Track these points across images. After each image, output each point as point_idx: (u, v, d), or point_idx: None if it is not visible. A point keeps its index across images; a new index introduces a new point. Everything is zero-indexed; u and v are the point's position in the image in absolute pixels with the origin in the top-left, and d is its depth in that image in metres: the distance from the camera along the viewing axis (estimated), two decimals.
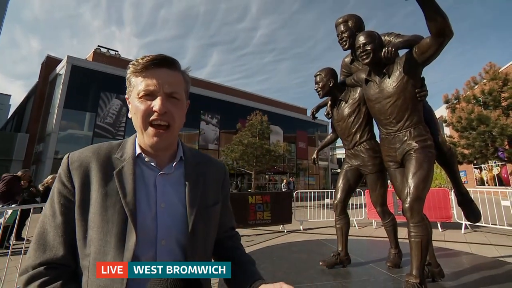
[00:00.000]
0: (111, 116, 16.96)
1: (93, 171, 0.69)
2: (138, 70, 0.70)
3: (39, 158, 16.40)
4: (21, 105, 23.40)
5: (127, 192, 0.67)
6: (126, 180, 0.69)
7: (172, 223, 0.70)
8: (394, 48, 2.06)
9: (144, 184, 0.71)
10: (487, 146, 9.58)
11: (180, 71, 0.76)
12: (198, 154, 0.88)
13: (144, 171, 0.73)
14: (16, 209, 4.79)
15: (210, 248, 0.82)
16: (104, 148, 0.75)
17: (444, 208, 6.31)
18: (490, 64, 10.41)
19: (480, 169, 21.90)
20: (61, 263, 0.65)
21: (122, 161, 0.72)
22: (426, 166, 2.12)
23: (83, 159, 0.71)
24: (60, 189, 0.69)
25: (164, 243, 0.68)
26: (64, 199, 0.68)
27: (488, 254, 3.95)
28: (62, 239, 0.66)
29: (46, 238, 0.66)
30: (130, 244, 0.64)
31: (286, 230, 6.69)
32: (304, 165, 27.22)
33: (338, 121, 2.91)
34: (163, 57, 0.71)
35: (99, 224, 0.65)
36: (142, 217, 0.67)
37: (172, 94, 0.71)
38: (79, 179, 0.68)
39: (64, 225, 0.66)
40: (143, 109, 0.69)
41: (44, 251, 0.65)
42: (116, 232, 0.64)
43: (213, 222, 0.81)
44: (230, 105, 22.64)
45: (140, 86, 0.69)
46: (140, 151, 0.75)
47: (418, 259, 2.03)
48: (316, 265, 2.76)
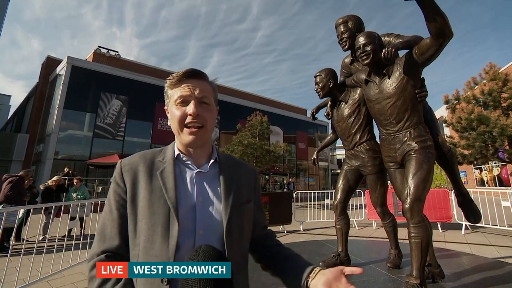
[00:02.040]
0: (111, 116, 16.93)
1: (141, 173, 0.81)
2: (173, 83, 0.83)
3: (39, 158, 16.37)
4: (21, 106, 23.40)
5: (168, 188, 0.77)
6: (167, 179, 0.79)
7: (209, 215, 0.78)
8: (394, 48, 2.06)
9: (183, 181, 0.81)
10: (487, 147, 9.58)
11: (208, 81, 0.88)
12: (231, 158, 0.97)
13: (182, 170, 0.84)
14: (27, 209, 4.81)
15: (246, 244, 0.87)
16: (149, 153, 0.88)
17: (444, 208, 6.31)
18: (490, 65, 10.41)
19: (480, 169, 21.90)
20: (117, 252, 0.76)
21: (164, 163, 0.83)
22: (426, 166, 2.12)
23: (132, 163, 0.83)
24: (115, 188, 0.81)
25: (202, 233, 0.75)
26: (118, 196, 0.80)
27: (488, 254, 3.95)
28: (117, 231, 0.77)
29: (105, 231, 0.78)
30: (174, 232, 0.72)
31: (286, 231, 6.68)
32: (304, 166, 27.22)
33: (338, 121, 2.91)
34: (192, 70, 0.84)
35: (147, 216, 0.75)
36: (183, 209, 0.76)
37: (202, 99, 0.82)
38: (130, 179, 0.80)
39: (119, 219, 0.78)
40: (179, 115, 0.80)
41: (104, 241, 0.77)
42: (162, 222, 0.73)
43: (247, 219, 0.87)
44: (230, 105, 22.62)
45: (176, 95, 0.82)
46: (178, 152, 0.85)
47: (418, 260, 2.03)
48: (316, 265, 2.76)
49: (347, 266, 0.78)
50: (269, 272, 0.89)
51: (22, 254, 3.31)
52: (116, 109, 17.19)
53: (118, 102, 17.25)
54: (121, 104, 17.31)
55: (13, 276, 3.36)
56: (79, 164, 15.58)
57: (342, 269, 0.69)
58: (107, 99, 16.96)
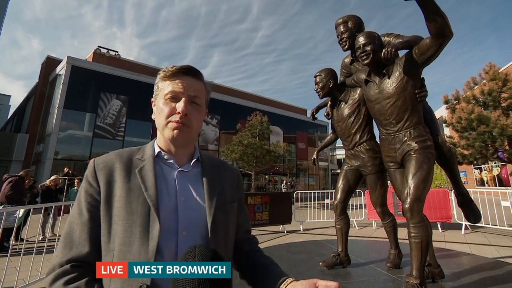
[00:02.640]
0: (111, 116, 16.93)
1: (117, 171, 0.75)
2: (167, 75, 0.78)
3: (39, 158, 16.37)
4: (21, 106, 23.39)
5: (148, 186, 0.72)
6: (147, 176, 0.74)
7: (192, 215, 0.74)
8: (394, 48, 2.06)
9: (164, 180, 0.77)
10: (487, 147, 9.58)
11: (203, 81, 0.84)
12: (213, 158, 0.93)
13: (163, 169, 0.79)
14: (27, 210, 4.81)
15: (231, 245, 0.83)
16: (126, 151, 0.82)
17: (444, 208, 6.31)
18: (490, 65, 10.42)
19: (480, 169, 21.90)
20: (86, 261, 0.68)
21: (143, 161, 0.78)
22: (426, 166, 2.12)
23: (107, 161, 0.78)
24: (86, 188, 0.74)
25: (185, 234, 0.71)
26: (90, 197, 0.73)
27: (488, 254, 3.95)
28: (87, 235, 0.70)
29: (73, 236, 0.70)
30: (155, 232, 0.67)
31: (286, 231, 6.69)
32: (304, 166, 27.21)
33: (338, 121, 2.91)
34: (189, 67, 0.80)
35: (124, 217, 0.69)
36: (164, 208, 0.71)
37: (194, 98, 0.78)
38: (104, 178, 0.74)
39: (90, 222, 0.71)
40: (167, 110, 0.76)
41: (71, 248, 0.69)
42: (141, 223, 0.68)
43: (232, 219, 0.84)
44: (230, 105, 22.62)
45: (167, 89, 0.77)
46: (159, 150, 0.81)
47: (418, 260, 2.03)
48: (316, 265, 2.76)
49: (346, 267, 0.76)
50: (245, 281, 0.84)
51: (22, 254, 3.31)
52: (116, 109, 17.18)
53: (118, 102, 17.25)
54: (121, 104, 17.31)
55: (13, 276, 3.36)
56: (79, 164, 15.56)
57: (315, 282, 0.64)
58: (107, 99, 16.96)
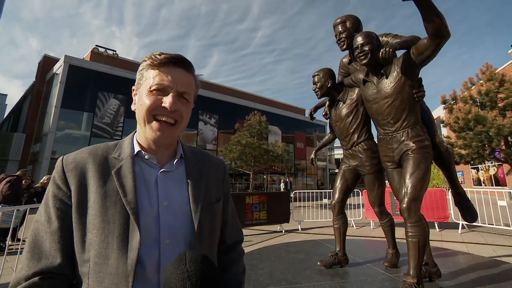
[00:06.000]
0: (108, 116, 16.87)
1: (90, 172, 0.67)
2: (154, 64, 0.70)
3: (36, 158, 16.29)
4: (18, 105, 23.22)
5: (127, 191, 0.65)
6: (125, 179, 0.66)
7: (175, 221, 0.68)
8: (392, 48, 2.07)
9: (144, 182, 0.69)
10: (484, 147, 9.66)
11: (194, 75, 0.77)
12: (197, 151, 0.86)
13: (144, 169, 0.71)
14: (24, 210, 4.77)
15: (216, 248, 0.79)
16: (101, 148, 0.73)
17: (441, 208, 6.33)
18: (487, 65, 10.49)
19: (477, 169, 22.03)
20: (58, 272, 0.61)
21: (120, 160, 0.70)
22: (424, 166, 2.13)
23: (78, 160, 0.68)
24: (55, 192, 0.65)
25: (168, 242, 0.65)
26: (59, 202, 0.64)
27: (485, 253, 3.97)
28: (59, 246, 0.61)
29: (42, 246, 0.62)
30: (134, 243, 0.61)
31: (284, 230, 6.69)
32: (302, 165, 27.26)
33: (336, 121, 2.92)
34: (181, 58, 0.72)
35: (99, 226, 0.61)
36: (144, 215, 0.64)
37: (183, 94, 0.71)
38: (75, 180, 0.65)
39: (61, 231, 0.62)
40: (151, 103, 0.68)
41: (39, 259, 0.60)
42: (119, 233, 0.61)
43: (218, 219, 0.78)
44: (229, 105, 22.60)
45: (154, 80, 0.69)
46: (140, 148, 0.73)
47: (415, 259, 2.04)
48: (314, 265, 2.77)
49: (344, 266, 0.75)
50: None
51: (18, 253, 3.29)
52: (114, 108, 17.12)
53: (116, 102, 17.18)
54: (119, 104, 17.24)
55: (9, 276, 3.34)
56: None
57: None
58: (104, 98, 16.89)
